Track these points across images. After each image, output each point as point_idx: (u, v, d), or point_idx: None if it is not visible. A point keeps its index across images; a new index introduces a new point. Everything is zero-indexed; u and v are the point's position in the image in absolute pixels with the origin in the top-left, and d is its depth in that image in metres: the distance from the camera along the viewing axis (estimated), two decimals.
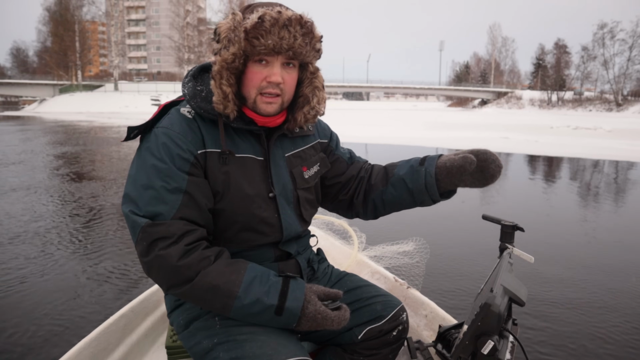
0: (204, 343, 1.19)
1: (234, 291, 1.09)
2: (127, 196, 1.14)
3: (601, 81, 62.04)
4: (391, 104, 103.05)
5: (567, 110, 55.59)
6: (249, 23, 1.09)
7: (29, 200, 6.81)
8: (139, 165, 1.15)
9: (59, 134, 19.51)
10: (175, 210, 1.10)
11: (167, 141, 1.14)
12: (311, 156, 1.39)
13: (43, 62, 69.92)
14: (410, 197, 1.37)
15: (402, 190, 1.37)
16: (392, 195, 1.40)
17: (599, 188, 8.34)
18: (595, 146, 15.17)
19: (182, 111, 1.20)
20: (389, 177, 1.41)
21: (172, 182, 1.11)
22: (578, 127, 24.04)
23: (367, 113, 44.06)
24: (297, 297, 1.11)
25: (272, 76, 1.16)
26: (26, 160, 11.26)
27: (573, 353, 2.64)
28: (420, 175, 1.32)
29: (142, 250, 1.10)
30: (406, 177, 1.36)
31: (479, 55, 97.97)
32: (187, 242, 1.09)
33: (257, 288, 1.10)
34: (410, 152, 13.42)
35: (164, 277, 1.10)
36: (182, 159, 1.13)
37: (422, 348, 1.29)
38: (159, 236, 1.08)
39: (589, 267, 4.09)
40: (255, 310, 1.10)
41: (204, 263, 1.09)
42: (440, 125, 25.58)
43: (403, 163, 1.41)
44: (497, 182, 2.77)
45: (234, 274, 1.10)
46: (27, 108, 60.67)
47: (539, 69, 74.84)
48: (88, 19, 67.87)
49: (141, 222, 1.09)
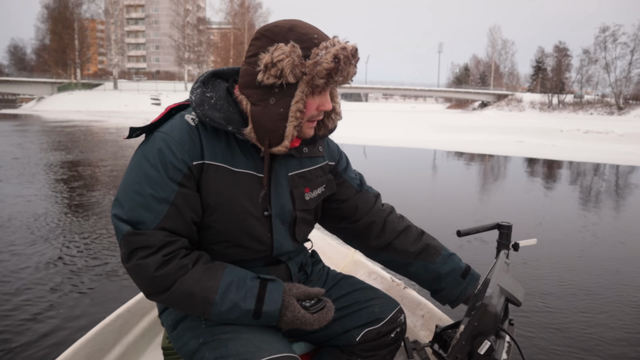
0: (191, 343, 1.19)
1: (211, 298, 1.10)
2: (116, 199, 1.13)
3: (602, 84, 62.34)
4: (390, 105, 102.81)
5: (568, 113, 55.59)
6: (324, 64, 1.05)
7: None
8: (132, 168, 1.14)
9: (59, 135, 18.64)
10: (158, 220, 1.09)
11: (164, 148, 1.11)
12: (317, 177, 1.35)
13: (41, 60, 69.77)
14: (432, 289, 1.47)
15: (430, 281, 1.46)
16: (417, 274, 1.46)
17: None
18: (613, 151, 14.66)
19: (186, 118, 1.17)
20: (427, 259, 1.44)
21: (161, 192, 1.10)
22: (589, 131, 23.45)
23: (371, 114, 43.55)
24: (274, 300, 1.12)
25: (325, 104, 1.17)
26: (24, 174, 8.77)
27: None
28: (459, 287, 1.43)
29: (123, 256, 1.11)
30: (444, 279, 1.43)
31: (478, 58, 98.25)
32: (165, 252, 1.09)
33: (234, 294, 1.11)
34: (427, 155, 13.45)
35: (143, 285, 1.12)
36: (175, 169, 1.11)
37: (418, 348, 1.28)
38: (138, 246, 1.08)
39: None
40: (233, 316, 1.12)
41: (181, 272, 1.09)
42: (448, 128, 25.37)
43: (446, 257, 1.45)
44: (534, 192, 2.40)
45: (210, 281, 1.11)
46: (24, 106, 60.59)
47: (538, 72, 75.02)
48: (87, 16, 67.80)
49: (123, 229, 1.09)
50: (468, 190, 8.17)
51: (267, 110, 1.11)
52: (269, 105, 1.11)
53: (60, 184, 8.00)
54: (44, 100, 57.30)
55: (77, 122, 27.81)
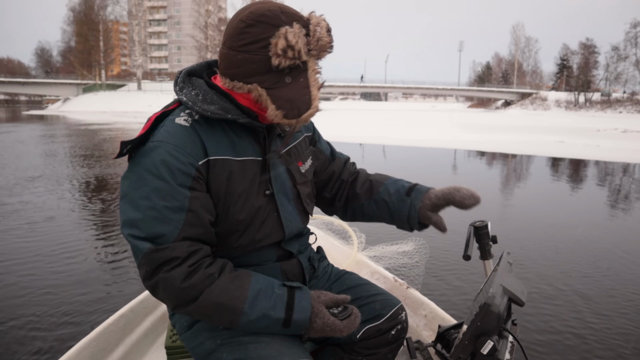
0: (207, 344, 1.18)
1: (240, 307, 1.07)
2: (127, 220, 1.08)
3: (632, 82, 60.61)
4: (410, 104, 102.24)
5: (596, 111, 54.11)
6: (324, 39, 1.08)
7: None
8: (135, 184, 1.09)
9: (85, 139, 18.26)
10: (178, 230, 1.07)
11: (166, 156, 1.08)
12: (303, 150, 1.39)
13: (67, 62, 71.59)
14: (390, 219, 1.43)
15: (384, 211, 1.43)
16: (373, 212, 1.45)
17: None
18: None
19: (177, 121, 1.14)
20: (373, 193, 1.44)
21: (174, 201, 1.07)
22: (627, 130, 22.50)
23: (395, 114, 43.38)
24: (304, 308, 1.10)
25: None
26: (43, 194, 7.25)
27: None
28: (405, 206, 1.37)
29: (145, 275, 1.07)
30: (390, 203, 1.40)
31: (500, 56, 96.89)
32: (190, 262, 1.07)
33: (263, 302, 1.09)
34: (472, 157, 13.29)
35: (170, 299, 1.08)
36: (183, 174, 1.09)
37: (421, 348, 1.27)
38: (162, 261, 1.05)
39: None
40: (263, 325, 1.09)
41: (208, 281, 1.07)
42: (478, 127, 25.00)
43: (390, 184, 1.44)
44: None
45: (237, 290, 1.08)
46: (51, 107, 62.27)
47: (563, 70, 73.49)
48: (112, 18, 69.24)
49: (143, 248, 1.05)
50: (571, 201, 7.35)
51: (290, 87, 1.11)
52: (289, 84, 1.11)
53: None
54: (69, 101, 58.75)
55: (104, 125, 28.27)
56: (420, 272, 2.46)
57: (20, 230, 5.23)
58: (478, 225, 1.34)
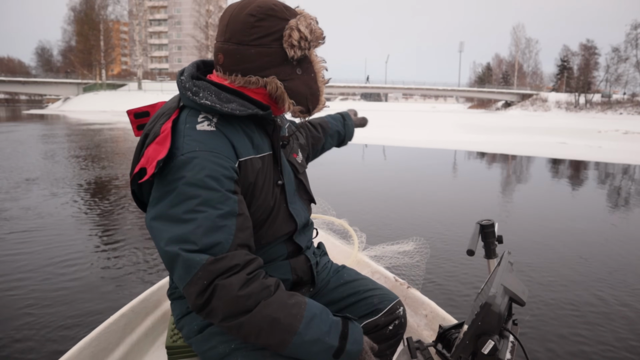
0: (220, 348, 1.17)
1: (295, 326, 1.02)
2: (172, 237, 1.02)
3: (632, 83, 60.56)
4: (410, 105, 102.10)
5: (596, 113, 54.14)
6: (318, 31, 1.15)
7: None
8: (175, 200, 1.03)
9: (86, 140, 17.66)
10: (232, 236, 1.03)
11: (207, 164, 1.04)
12: (293, 142, 1.43)
13: (67, 61, 71.55)
14: (337, 143, 1.85)
15: (336, 139, 1.82)
16: (330, 144, 1.80)
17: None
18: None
19: (200, 128, 1.10)
20: (326, 131, 1.76)
21: (225, 207, 1.04)
22: (628, 132, 22.35)
23: (396, 115, 43.18)
24: (357, 340, 1.09)
25: None
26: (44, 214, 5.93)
27: None
28: (349, 129, 1.85)
29: (200, 289, 0.99)
30: (341, 131, 1.82)
31: (500, 57, 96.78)
32: (249, 270, 1.03)
33: (319, 326, 1.05)
34: (473, 158, 13.28)
35: (224, 307, 1.00)
36: (228, 179, 1.06)
37: (422, 348, 1.26)
38: (222, 271, 1.00)
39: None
40: (314, 349, 1.05)
41: (265, 293, 1.02)
42: (479, 128, 24.88)
43: (329, 119, 1.81)
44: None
45: (295, 308, 1.04)
46: (51, 106, 62.21)
47: (564, 71, 73.45)
48: (112, 18, 69.24)
49: (201, 260, 0.99)
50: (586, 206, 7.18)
51: (302, 79, 1.15)
52: (300, 76, 1.15)
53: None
54: (70, 100, 58.72)
55: (105, 125, 28.23)
56: (420, 272, 2.46)
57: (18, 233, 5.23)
58: (484, 223, 1.35)
